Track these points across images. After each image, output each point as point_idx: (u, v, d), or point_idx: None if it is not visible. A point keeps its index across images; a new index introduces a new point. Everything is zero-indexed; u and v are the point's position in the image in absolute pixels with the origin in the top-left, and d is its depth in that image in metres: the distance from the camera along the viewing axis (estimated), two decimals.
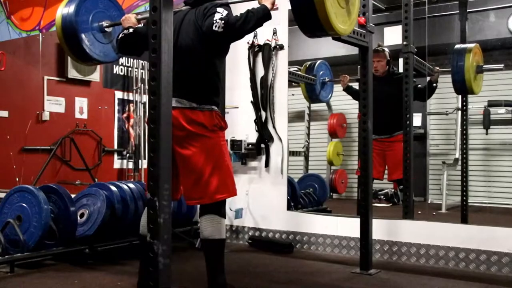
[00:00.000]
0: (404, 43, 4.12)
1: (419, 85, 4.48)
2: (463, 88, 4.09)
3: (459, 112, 4.66)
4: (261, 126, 4.15)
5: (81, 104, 6.12)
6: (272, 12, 2.56)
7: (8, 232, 3.30)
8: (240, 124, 4.25)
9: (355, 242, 3.68)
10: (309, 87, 5.36)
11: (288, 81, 4.13)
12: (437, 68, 4.50)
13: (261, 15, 2.56)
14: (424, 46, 4.39)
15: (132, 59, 6.47)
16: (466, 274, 3.24)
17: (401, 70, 4.58)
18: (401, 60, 4.51)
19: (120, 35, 2.81)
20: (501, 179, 5.13)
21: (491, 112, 4.68)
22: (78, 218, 3.55)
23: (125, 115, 6.48)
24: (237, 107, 4.27)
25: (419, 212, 4.39)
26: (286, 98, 4.14)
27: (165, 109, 2.10)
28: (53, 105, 5.94)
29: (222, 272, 2.63)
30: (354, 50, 3.34)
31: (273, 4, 2.58)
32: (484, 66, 4.17)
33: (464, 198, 4.33)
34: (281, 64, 4.12)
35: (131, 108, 6.51)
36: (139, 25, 2.85)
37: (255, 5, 2.60)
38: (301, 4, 2.40)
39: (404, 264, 3.51)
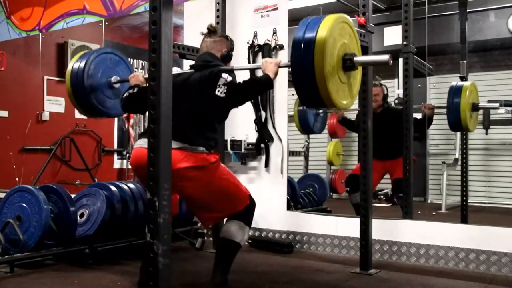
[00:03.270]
0: (404, 43, 4.13)
1: (418, 118, 4.48)
2: (458, 127, 4.11)
3: None
4: (261, 126, 4.15)
5: None
6: (272, 12, 2.58)
7: (8, 232, 3.30)
8: (240, 124, 4.25)
9: (355, 242, 3.68)
10: (302, 118, 5.26)
11: (288, 81, 4.13)
12: (432, 105, 4.53)
13: (264, 85, 2.66)
14: (424, 46, 4.39)
15: (131, 59, 6.46)
16: (466, 274, 3.24)
17: (401, 71, 4.58)
18: (401, 60, 4.51)
19: (125, 94, 2.87)
20: (501, 179, 5.13)
21: (491, 112, 4.67)
22: (78, 218, 3.55)
23: (125, 115, 6.47)
24: (237, 107, 4.26)
25: (419, 212, 4.39)
26: (286, 98, 4.14)
27: (165, 108, 2.11)
28: (53, 105, 5.94)
29: (227, 273, 2.69)
30: None
31: (276, 74, 2.65)
32: (479, 105, 4.17)
33: (464, 198, 4.34)
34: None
35: None
36: (145, 85, 2.88)
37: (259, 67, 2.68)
38: (303, 84, 2.38)
39: (404, 264, 3.51)
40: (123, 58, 3.57)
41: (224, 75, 2.61)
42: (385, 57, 2.47)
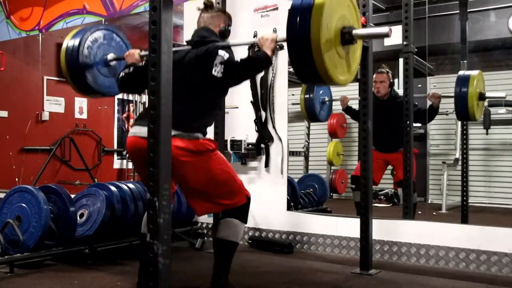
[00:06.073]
0: (404, 43, 4.12)
1: (421, 108, 4.46)
2: (465, 115, 4.09)
3: None
4: (261, 126, 4.15)
5: (81, 104, 6.13)
6: (272, 12, 2.56)
7: (8, 233, 3.30)
8: (240, 124, 4.24)
9: (355, 242, 3.68)
10: (309, 105, 5.31)
11: (288, 81, 4.13)
12: (439, 93, 4.48)
13: (262, 62, 2.57)
14: (424, 46, 4.39)
15: None
16: (467, 274, 3.24)
17: (401, 71, 4.58)
18: (401, 60, 4.51)
19: (121, 74, 2.80)
20: (501, 179, 5.13)
21: (491, 112, 4.67)
22: (78, 218, 3.54)
23: (124, 115, 6.48)
24: (237, 107, 4.27)
25: (419, 212, 4.39)
26: (286, 98, 4.13)
27: (165, 109, 2.10)
28: (53, 105, 5.94)
29: (227, 273, 2.68)
30: None
31: (273, 51, 2.57)
32: (486, 94, 4.17)
33: (464, 198, 4.33)
34: (281, 64, 4.11)
35: (131, 108, 6.52)
36: (140, 64, 2.83)
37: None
38: (299, 57, 2.29)
39: (404, 264, 3.51)
40: (119, 35, 3.44)
41: (221, 52, 2.54)
42: (385, 29, 2.38)
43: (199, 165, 2.55)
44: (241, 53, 4.17)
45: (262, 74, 4.14)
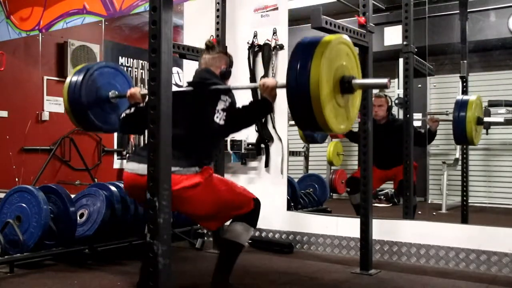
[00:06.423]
0: (404, 43, 4.12)
1: (420, 131, 4.47)
2: (463, 139, 4.08)
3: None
4: (261, 126, 4.14)
5: None
6: (272, 12, 2.56)
7: (8, 233, 3.30)
8: None
9: (355, 242, 3.68)
10: (308, 134, 5.22)
11: None
12: (437, 117, 4.51)
13: (263, 111, 2.62)
14: (424, 46, 4.38)
15: (131, 59, 6.46)
16: (467, 274, 3.24)
17: (401, 71, 4.58)
18: (401, 60, 4.51)
19: (122, 114, 2.83)
20: (501, 179, 5.12)
21: (492, 112, 4.67)
22: (78, 218, 3.54)
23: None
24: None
25: (419, 212, 4.39)
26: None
27: (165, 109, 2.10)
28: (53, 105, 5.94)
29: (229, 273, 2.69)
30: None
31: (275, 97, 2.60)
32: (485, 119, 4.18)
33: (465, 198, 4.33)
34: (281, 64, 4.11)
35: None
36: (142, 105, 2.84)
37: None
38: (299, 110, 2.29)
39: (404, 264, 3.51)
40: (122, 71, 3.48)
41: (223, 97, 2.57)
42: (384, 80, 2.41)
43: (203, 194, 2.55)
44: (242, 54, 4.20)
45: (262, 74, 4.14)
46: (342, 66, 2.37)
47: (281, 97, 4.11)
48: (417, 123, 4.50)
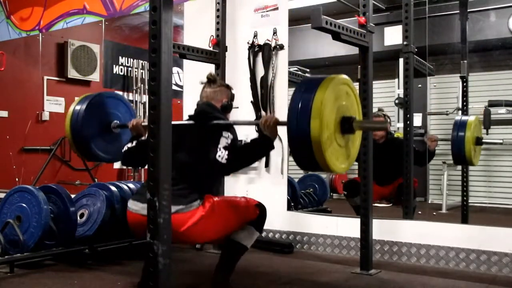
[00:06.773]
0: (405, 43, 4.12)
1: (419, 150, 4.46)
2: (462, 159, 4.10)
3: (460, 112, 4.66)
4: None
5: None
6: (272, 12, 2.56)
7: (8, 232, 3.29)
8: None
9: (355, 242, 3.68)
10: None
11: (288, 81, 4.13)
12: (436, 137, 4.54)
13: (264, 149, 2.61)
14: (424, 46, 4.38)
15: (131, 59, 6.47)
16: (467, 274, 3.24)
17: (401, 71, 4.57)
18: (401, 60, 4.51)
19: (125, 148, 2.85)
20: (501, 179, 5.13)
21: (492, 112, 4.67)
22: (78, 218, 3.54)
23: None
24: (237, 107, 4.25)
25: (420, 212, 4.38)
26: (286, 98, 4.13)
27: (165, 109, 2.10)
28: (53, 105, 5.95)
29: (230, 274, 2.70)
30: (354, 50, 3.33)
31: (276, 135, 2.58)
32: (483, 139, 4.19)
33: (465, 198, 4.33)
34: (281, 64, 4.11)
35: None
36: (143, 138, 2.86)
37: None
38: (300, 152, 2.30)
39: (405, 264, 3.51)
40: (124, 101, 3.51)
41: (225, 133, 2.57)
42: (385, 124, 2.41)
43: (209, 224, 2.56)
44: (242, 54, 4.20)
45: (262, 74, 4.14)
46: (342, 106, 2.36)
47: (281, 96, 4.13)
48: (417, 123, 4.49)
